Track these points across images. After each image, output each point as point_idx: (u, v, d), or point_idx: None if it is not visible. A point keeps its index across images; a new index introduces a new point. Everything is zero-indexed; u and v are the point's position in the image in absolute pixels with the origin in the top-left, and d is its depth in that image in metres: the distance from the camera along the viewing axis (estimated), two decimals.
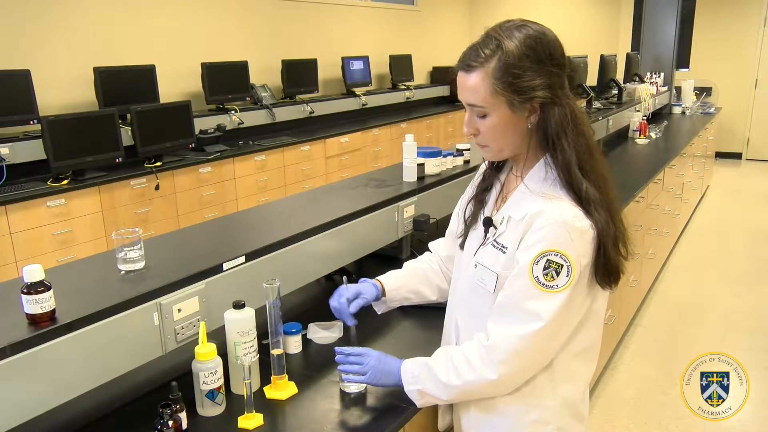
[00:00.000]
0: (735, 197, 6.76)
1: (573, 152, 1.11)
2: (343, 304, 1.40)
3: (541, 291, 1.09)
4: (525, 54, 1.09)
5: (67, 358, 1.16)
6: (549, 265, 1.08)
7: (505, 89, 1.09)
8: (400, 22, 7.47)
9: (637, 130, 4.86)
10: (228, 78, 4.98)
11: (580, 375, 1.24)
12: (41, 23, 3.94)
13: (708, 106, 6.81)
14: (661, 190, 3.93)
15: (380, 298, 1.49)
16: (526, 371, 1.17)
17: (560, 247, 1.08)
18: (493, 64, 1.09)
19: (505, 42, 1.09)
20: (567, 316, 1.13)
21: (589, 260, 1.11)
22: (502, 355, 1.13)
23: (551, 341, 1.14)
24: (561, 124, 1.11)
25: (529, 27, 1.11)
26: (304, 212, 1.93)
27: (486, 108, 1.12)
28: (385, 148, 6.10)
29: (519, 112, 1.12)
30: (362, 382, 1.31)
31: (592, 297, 1.17)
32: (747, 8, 8.17)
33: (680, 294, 4.16)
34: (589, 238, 1.10)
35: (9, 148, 3.53)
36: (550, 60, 1.11)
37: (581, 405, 1.27)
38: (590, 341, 1.23)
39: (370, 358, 1.30)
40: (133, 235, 1.41)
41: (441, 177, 2.35)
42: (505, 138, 1.15)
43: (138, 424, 1.31)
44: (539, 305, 1.10)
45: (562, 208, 1.09)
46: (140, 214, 3.88)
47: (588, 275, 1.12)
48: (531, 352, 1.14)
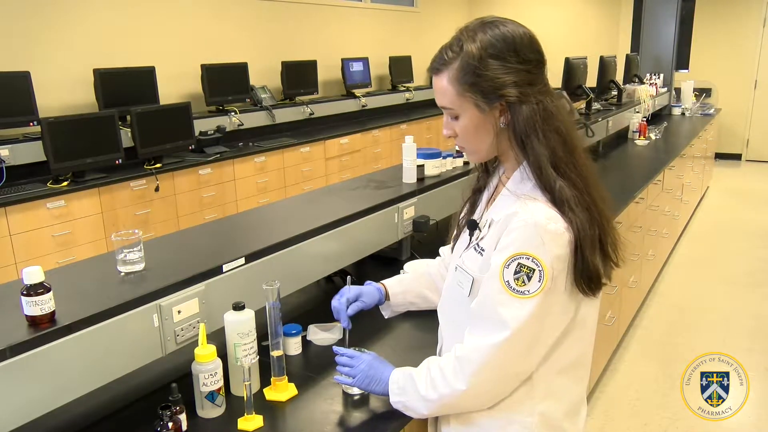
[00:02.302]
0: (735, 198, 6.76)
1: (546, 150, 1.06)
2: (342, 304, 1.39)
3: (511, 296, 1.04)
4: (488, 53, 1.06)
5: (67, 360, 1.16)
6: (520, 269, 1.03)
7: (469, 90, 1.08)
8: (400, 24, 7.48)
9: (636, 131, 4.86)
10: (228, 79, 4.98)
11: (565, 392, 1.16)
12: (41, 25, 3.94)
13: (708, 107, 6.81)
14: (660, 191, 3.93)
15: (383, 302, 1.47)
16: (499, 383, 1.11)
17: (532, 250, 1.02)
18: (456, 65, 1.08)
19: (466, 43, 1.08)
20: (541, 326, 1.06)
21: (566, 265, 1.04)
22: (473, 366, 1.09)
23: (523, 352, 1.07)
24: (529, 122, 1.07)
25: (494, 25, 1.08)
26: (304, 214, 1.93)
27: (455, 109, 1.11)
28: (384, 149, 6.10)
29: (488, 112, 1.09)
30: (351, 385, 1.30)
31: (575, 305, 1.09)
32: (747, 9, 8.17)
33: (680, 295, 4.16)
34: (565, 241, 1.03)
35: (9, 149, 3.53)
36: (515, 57, 1.06)
37: (566, 423, 1.18)
38: (576, 355, 1.15)
39: (361, 362, 1.28)
40: (132, 237, 1.41)
41: (441, 178, 2.35)
42: (477, 139, 1.13)
43: (138, 426, 1.31)
44: (507, 312, 1.05)
45: (535, 210, 1.04)
46: (140, 215, 3.89)
47: (567, 281, 1.05)
48: (501, 363, 1.08)
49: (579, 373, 1.19)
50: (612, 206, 1.17)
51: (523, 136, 1.07)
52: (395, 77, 6.93)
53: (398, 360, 1.57)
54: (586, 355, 1.21)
